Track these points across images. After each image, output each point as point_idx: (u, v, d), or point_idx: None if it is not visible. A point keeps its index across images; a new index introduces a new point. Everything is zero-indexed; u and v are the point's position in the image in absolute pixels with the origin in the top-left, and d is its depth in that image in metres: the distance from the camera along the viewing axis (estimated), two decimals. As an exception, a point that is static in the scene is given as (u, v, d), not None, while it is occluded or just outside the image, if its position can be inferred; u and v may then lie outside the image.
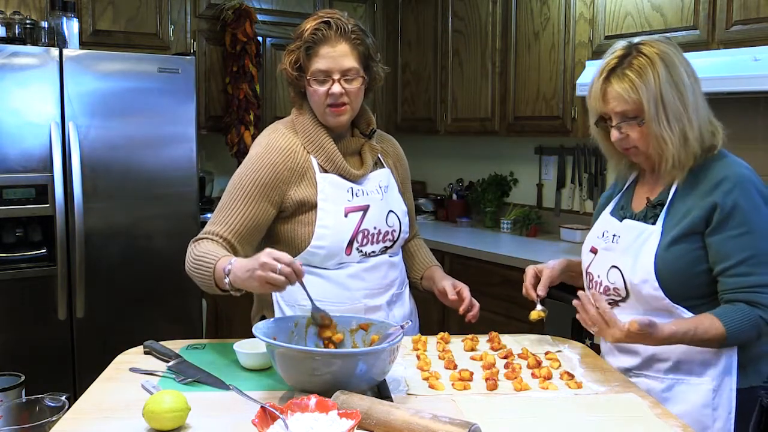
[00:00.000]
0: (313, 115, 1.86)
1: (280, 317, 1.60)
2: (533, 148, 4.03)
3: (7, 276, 3.01)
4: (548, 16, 3.45)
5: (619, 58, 1.61)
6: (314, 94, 1.81)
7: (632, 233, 1.64)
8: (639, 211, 1.69)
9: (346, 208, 1.83)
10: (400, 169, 2.05)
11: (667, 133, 1.55)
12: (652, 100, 1.54)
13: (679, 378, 1.60)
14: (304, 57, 1.79)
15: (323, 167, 1.84)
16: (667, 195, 1.63)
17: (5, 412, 1.35)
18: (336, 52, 1.78)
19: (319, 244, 1.80)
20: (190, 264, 1.72)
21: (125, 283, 3.26)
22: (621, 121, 1.60)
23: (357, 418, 1.19)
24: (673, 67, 1.56)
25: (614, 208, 1.77)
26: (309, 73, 1.80)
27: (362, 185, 1.88)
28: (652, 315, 1.54)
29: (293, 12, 4.21)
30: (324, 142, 1.84)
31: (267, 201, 1.80)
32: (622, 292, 1.63)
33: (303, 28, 1.81)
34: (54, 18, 3.25)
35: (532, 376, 1.56)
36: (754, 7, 2.62)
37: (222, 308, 3.79)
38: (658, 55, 1.56)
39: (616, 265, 1.64)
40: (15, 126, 2.99)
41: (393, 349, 1.39)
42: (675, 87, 1.55)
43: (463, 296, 1.88)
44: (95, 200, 3.16)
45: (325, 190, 1.82)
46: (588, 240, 1.79)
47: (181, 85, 3.34)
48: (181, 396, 1.29)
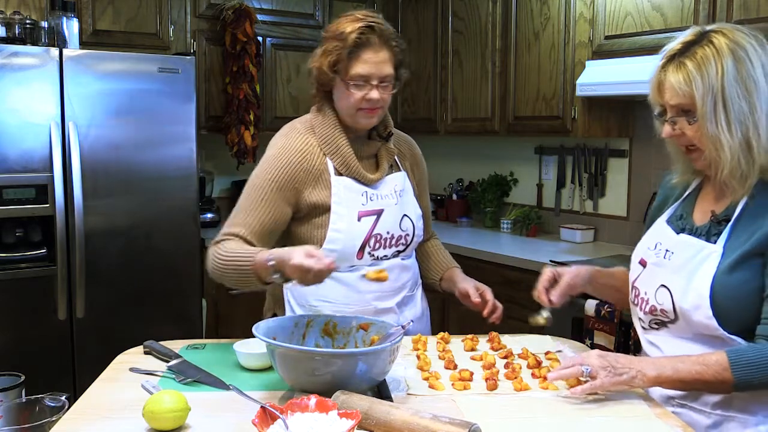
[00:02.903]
0: (334, 117, 1.86)
1: (280, 317, 1.60)
2: (533, 148, 4.04)
3: (7, 276, 3.01)
4: (548, 16, 3.45)
5: (684, 44, 1.41)
6: (349, 97, 1.80)
7: (688, 251, 1.46)
8: (701, 225, 1.50)
9: (359, 212, 1.83)
10: (416, 171, 2.04)
11: (725, 136, 1.36)
12: (709, 96, 1.35)
13: (729, 414, 1.42)
14: (346, 59, 1.78)
15: (338, 170, 1.84)
16: (734, 211, 1.44)
17: (5, 412, 1.35)
18: (378, 57, 1.78)
19: (331, 247, 1.80)
20: (219, 263, 1.73)
21: (125, 283, 3.26)
22: (676, 115, 1.42)
23: (357, 418, 1.19)
24: (745, 62, 1.36)
25: (671, 216, 1.58)
26: (348, 76, 1.78)
27: (377, 189, 1.88)
28: (702, 342, 1.43)
29: (293, 12, 4.21)
30: (341, 145, 1.84)
31: (284, 201, 1.81)
32: (670, 315, 1.47)
33: (342, 29, 1.78)
34: (54, 18, 3.25)
35: (532, 376, 1.56)
36: (754, 7, 2.62)
37: (222, 308, 3.79)
38: (728, 46, 1.36)
39: (666, 285, 1.47)
40: (15, 126, 2.99)
41: (393, 349, 1.39)
42: (743, 85, 1.36)
43: (486, 298, 1.87)
44: (95, 200, 3.16)
45: (339, 194, 1.82)
46: (639, 249, 1.61)
47: (181, 85, 3.34)
48: (181, 396, 1.29)
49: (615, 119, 3.39)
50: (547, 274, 1.69)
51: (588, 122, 3.33)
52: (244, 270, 1.67)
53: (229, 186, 4.38)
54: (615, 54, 3.07)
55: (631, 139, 3.50)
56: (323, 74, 1.82)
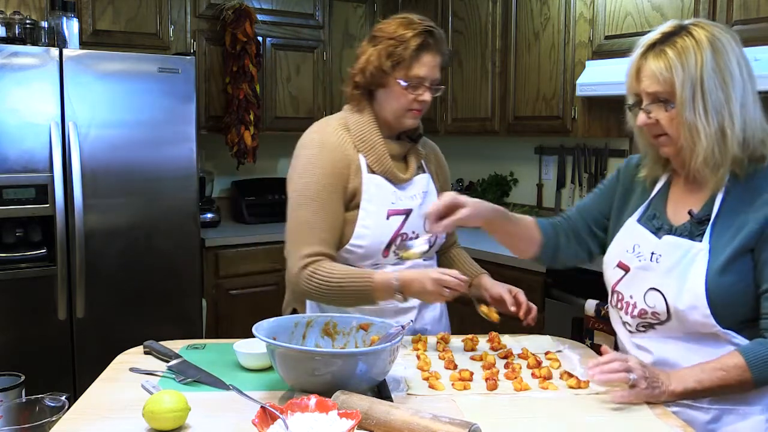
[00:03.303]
0: (371, 115, 1.88)
1: (280, 317, 1.60)
2: (533, 148, 4.04)
3: (7, 276, 3.01)
4: (548, 16, 3.45)
5: (663, 34, 1.43)
6: (401, 97, 1.83)
7: (676, 252, 1.46)
8: (680, 224, 1.50)
9: (388, 211, 1.86)
10: (441, 176, 2.07)
11: (702, 124, 1.38)
12: (688, 84, 1.37)
13: (727, 407, 1.44)
14: (407, 60, 1.81)
15: (371, 167, 1.86)
16: (711, 208, 1.46)
17: (5, 412, 1.35)
18: (434, 62, 1.84)
19: (358, 243, 1.83)
20: (326, 286, 1.76)
21: (125, 283, 3.26)
22: (651, 102, 1.43)
23: (357, 418, 1.19)
24: (722, 54, 1.39)
25: (643, 216, 1.58)
26: (407, 77, 1.81)
27: (404, 190, 1.90)
28: (693, 339, 1.45)
29: (293, 12, 4.21)
30: (376, 143, 1.87)
31: (340, 202, 1.84)
32: (663, 316, 1.47)
33: (403, 32, 1.81)
34: (54, 18, 3.25)
35: (532, 376, 1.56)
36: (754, 7, 2.62)
37: (222, 308, 3.79)
38: (708, 38, 1.39)
39: (657, 288, 1.47)
40: (15, 126, 2.99)
41: (393, 349, 1.39)
42: (720, 76, 1.38)
43: (520, 301, 1.85)
44: (95, 200, 3.16)
45: (370, 191, 1.85)
46: (613, 252, 1.61)
47: (181, 85, 3.34)
48: (181, 396, 1.29)
49: (615, 119, 3.38)
50: (446, 200, 1.59)
51: (588, 122, 3.33)
52: (362, 291, 1.75)
53: (229, 186, 4.38)
54: (615, 54, 3.07)
55: (631, 139, 3.49)
56: (379, 73, 1.83)
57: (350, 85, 1.91)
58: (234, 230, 4.03)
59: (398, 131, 1.92)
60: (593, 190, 1.80)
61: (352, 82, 1.90)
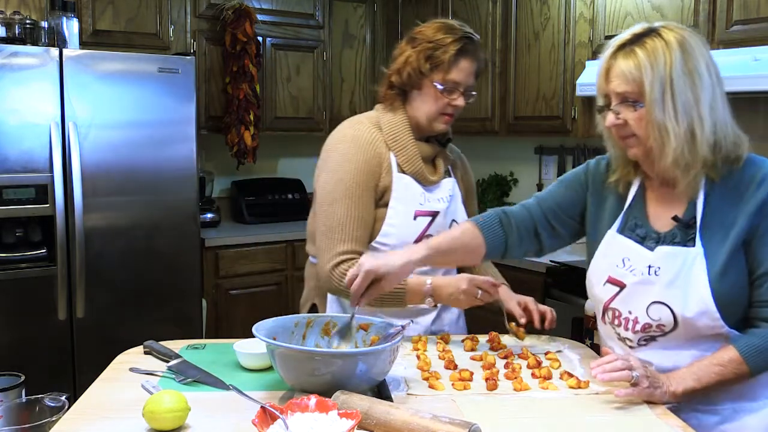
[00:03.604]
0: (404, 116, 1.90)
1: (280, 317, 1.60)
2: (533, 148, 4.04)
3: (7, 276, 3.01)
4: (548, 16, 3.45)
5: (633, 35, 1.44)
6: (435, 100, 1.85)
7: (675, 262, 1.44)
8: (666, 231, 1.49)
9: (416, 211, 1.87)
10: (466, 182, 2.09)
11: (671, 123, 1.37)
12: (658, 84, 1.37)
13: (734, 405, 1.46)
14: (446, 64, 1.82)
15: (401, 167, 1.88)
16: (694, 210, 1.45)
17: (5, 412, 1.35)
18: (471, 68, 1.86)
19: (384, 241, 1.85)
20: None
21: (125, 283, 3.26)
22: (620, 103, 1.43)
23: (357, 418, 1.19)
24: (691, 56, 1.39)
25: (622, 226, 1.55)
26: (442, 80, 1.83)
27: (433, 192, 1.92)
28: (695, 344, 1.45)
29: (293, 12, 4.21)
30: (408, 143, 1.88)
31: (372, 200, 1.86)
32: (668, 327, 1.45)
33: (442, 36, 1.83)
34: (54, 18, 3.25)
35: (532, 376, 1.56)
36: (754, 7, 2.62)
37: (222, 308, 3.79)
38: (677, 40, 1.39)
39: (662, 301, 1.44)
40: (15, 126, 2.99)
41: (393, 349, 1.39)
42: (689, 76, 1.38)
43: (530, 309, 1.83)
44: (95, 200, 3.16)
45: (399, 190, 1.86)
46: (599, 268, 1.56)
47: (181, 85, 3.34)
48: (181, 396, 1.28)
49: (615, 119, 3.38)
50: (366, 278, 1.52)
51: (588, 122, 3.33)
52: (395, 294, 1.76)
53: (229, 186, 4.38)
54: (615, 54, 3.07)
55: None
56: (416, 74, 1.85)
57: (385, 84, 1.93)
58: (234, 230, 4.03)
59: (428, 135, 1.94)
60: (557, 180, 1.74)
61: (387, 81, 1.92)
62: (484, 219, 1.69)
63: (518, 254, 1.71)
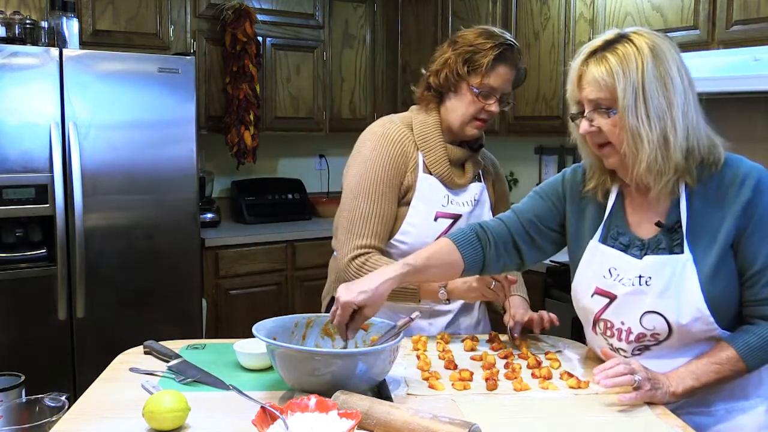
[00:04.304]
0: (437, 118, 1.91)
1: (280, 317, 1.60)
2: (533, 148, 4.04)
3: (7, 276, 3.01)
4: (548, 16, 3.45)
5: (604, 42, 1.43)
6: (471, 104, 1.86)
7: (665, 270, 1.43)
8: (650, 238, 1.48)
9: (437, 212, 1.88)
10: (498, 189, 2.09)
11: (644, 129, 1.37)
12: (630, 90, 1.36)
13: (728, 406, 1.47)
14: (484, 68, 1.83)
15: (428, 167, 1.89)
16: (678, 214, 1.45)
17: (5, 412, 1.35)
18: (509, 75, 1.87)
19: (402, 239, 1.87)
20: None
21: (125, 283, 3.26)
22: (593, 110, 1.43)
23: (357, 418, 1.19)
24: (662, 61, 1.38)
25: (604, 235, 1.54)
26: (479, 84, 1.84)
27: (457, 195, 1.93)
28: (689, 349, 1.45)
29: (293, 12, 4.21)
30: (437, 145, 1.90)
31: (395, 196, 1.87)
32: (663, 335, 1.45)
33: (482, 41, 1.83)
34: (54, 18, 3.25)
35: (532, 376, 1.56)
36: (754, 7, 2.62)
37: (222, 308, 3.79)
38: (648, 46, 1.39)
39: (655, 311, 1.44)
40: (15, 126, 2.99)
41: (393, 349, 1.39)
42: (661, 82, 1.37)
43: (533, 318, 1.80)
44: (95, 200, 3.16)
45: (423, 190, 1.88)
46: (585, 279, 1.55)
47: (181, 85, 3.34)
48: (181, 396, 1.29)
49: (615, 119, 3.39)
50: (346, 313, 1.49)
51: (588, 122, 3.32)
52: (409, 288, 1.79)
53: (229, 186, 4.38)
54: (615, 54, 3.07)
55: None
56: (454, 77, 1.86)
57: (422, 86, 1.95)
58: (234, 230, 4.03)
59: (460, 139, 1.94)
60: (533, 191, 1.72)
61: (425, 83, 1.94)
62: (461, 234, 1.65)
63: (497, 269, 1.67)
